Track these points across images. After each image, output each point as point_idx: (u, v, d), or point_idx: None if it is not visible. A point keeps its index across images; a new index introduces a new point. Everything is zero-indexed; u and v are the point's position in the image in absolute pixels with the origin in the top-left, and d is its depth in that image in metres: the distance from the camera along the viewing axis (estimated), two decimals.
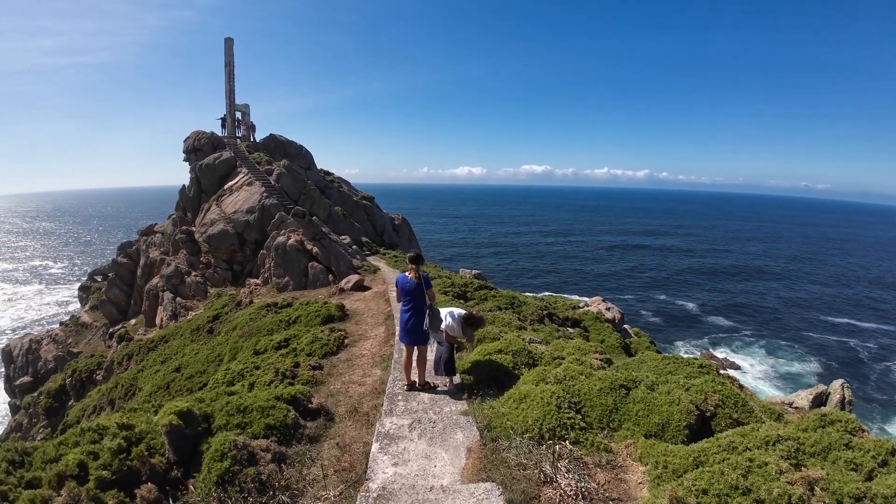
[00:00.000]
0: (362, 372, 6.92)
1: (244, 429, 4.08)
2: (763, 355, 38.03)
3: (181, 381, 12.75)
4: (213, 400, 4.57)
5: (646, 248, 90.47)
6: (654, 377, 4.81)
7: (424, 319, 5.89)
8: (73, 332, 32.78)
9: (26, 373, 29.42)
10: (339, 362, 7.73)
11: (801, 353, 38.62)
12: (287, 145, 33.30)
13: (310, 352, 8.43)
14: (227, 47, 30.70)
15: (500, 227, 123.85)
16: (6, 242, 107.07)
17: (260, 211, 22.47)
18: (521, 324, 12.42)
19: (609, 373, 4.86)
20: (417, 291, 5.88)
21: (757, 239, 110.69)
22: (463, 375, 6.30)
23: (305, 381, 6.45)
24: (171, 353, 15.85)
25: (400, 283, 6.05)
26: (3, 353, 31.35)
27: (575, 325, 18.20)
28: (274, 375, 6.56)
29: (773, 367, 35.85)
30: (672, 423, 4.14)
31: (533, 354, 6.30)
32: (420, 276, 5.96)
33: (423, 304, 5.93)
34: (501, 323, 10.22)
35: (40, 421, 22.76)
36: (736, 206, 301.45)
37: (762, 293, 57.74)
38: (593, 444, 4.12)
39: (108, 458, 3.56)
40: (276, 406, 4.49)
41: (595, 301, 23.89)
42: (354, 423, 5.21)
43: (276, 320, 12.48)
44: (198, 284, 22.08)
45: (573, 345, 7.19)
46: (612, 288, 57.65)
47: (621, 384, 4.73)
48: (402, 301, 6.05)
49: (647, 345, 20.84)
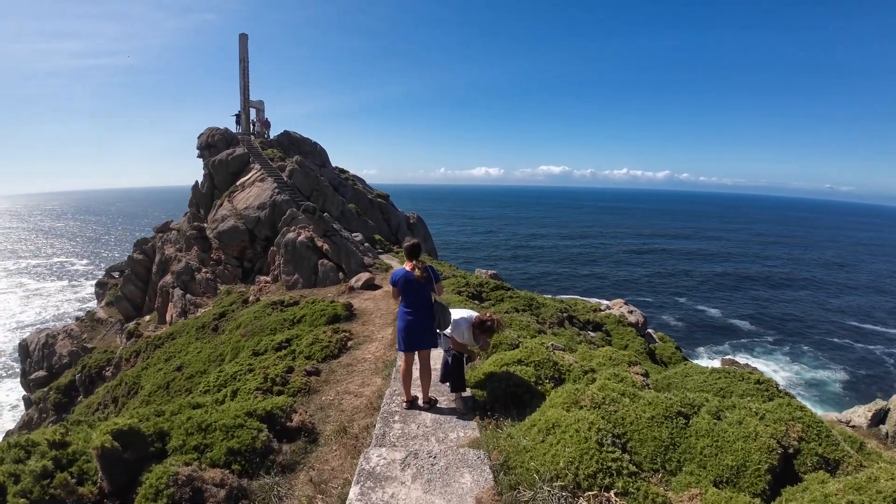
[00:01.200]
0: (361, 380, 6.10)
1: (203, 452, 3.32)
2: (786, 362, 36.72)
3: (181, 380, 12.16)
4: (173, 413, 3.82)
5: (666, 250, 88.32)
6: (715, 400, 3.82)
7: (432, 319, 5.05)
8: (89, 327, 32.86)
9: (41, 367, 29.51)
10: (339, 367, 6.95)
11: (825, 360, 37.14)
12: (301, 142, 32.84)
13: (309, 354, 7.68)
14: (241, 43, 30.38)
15: (517, 228, 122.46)
16: (32, 239, 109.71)
17: (271, 207, 21.94)
18: (540, 327, 11.52)
19: (660, 395, 3.84)
20: (421, 286, 5.00)
21: (780, 242, 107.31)
22: (474, 390, 5.39)
23: (297, 388, 5.69)
24: (175, 350, 15.33)
25: (398, 277, 5.10)
26: (20, 347, 31.55)
27: (596, 328, 17.21)
28: (262, 381, 5.81)
29: (797, 374, 34.62)
30: (750, 466, 3.13)
31: (559, 367, 5.34)
32: (424, 268, 5.06)
33: (428, 300, 5.07)
34: (519, 326, 9.35)
35: (49, 416, 22.60)
36: (759, 208, 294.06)
37: (786, 298, 55.84)
38: (647, 496, 3.11)
39: (30, 482, 2.84)
40: (246, 425, 3.70)
41: (616, 304, 22.80)
42: (340, 449, 4.35)
43: (279, 319, 11.80)
44: (208, 281, 21.64)
45: (603, 354, 6.26)
46: (632, 291, 56.22)
47: (678, 411, 3.67)
48: (402, 299, 5.13)
49: (673, 350, 19.72)
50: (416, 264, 5.08)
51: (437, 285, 5.14)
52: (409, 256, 5.19)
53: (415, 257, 5.17)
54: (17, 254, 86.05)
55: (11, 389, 33.59)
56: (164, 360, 15.41)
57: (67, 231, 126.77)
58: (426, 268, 5.10)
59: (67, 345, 30.09)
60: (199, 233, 23.25)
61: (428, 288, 5.04)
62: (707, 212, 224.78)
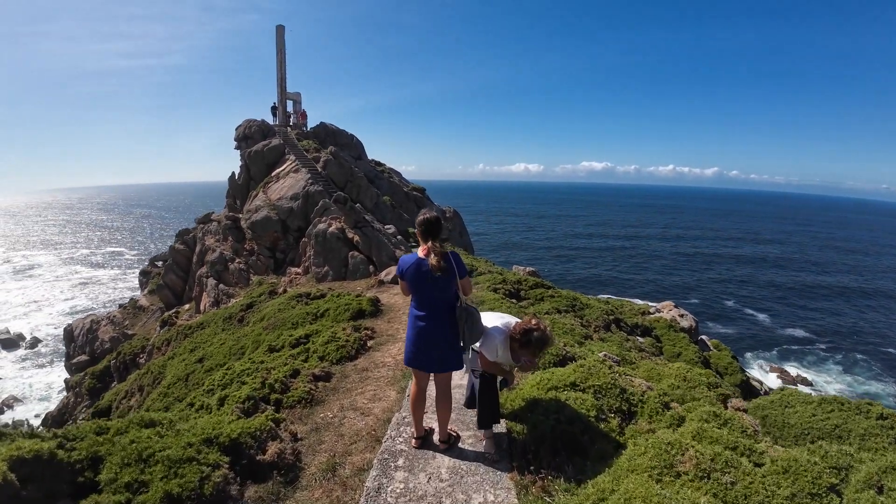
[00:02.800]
0: (373, 391, 5.12)
1: (136, 493, 2.45)
2: (839, 372, 34.21)
3: (200, 373, 11.69)
4: (118, 432, 2.96)
5: (714, 251, 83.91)
6: (868, 459, 2.56)
7: (454, 329, 3.69)
8: (131, 314, 33.75)
9: (84, 352, 30.48)
10: (353, 371, 6.05)
11: (879, 370, 34.40)
12: (338, 134, 32.47)
13: (323, 354, 6.85)
14: (278, 34, 30.25)
15: (557, 226, 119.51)
16: (87, 229, 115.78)
17: (304, 198, 21.50)
18: (586, 331, 10.33)
19: (793, 453, 2.52)
20: (440, 280, 3.59)
21: (838, 246, 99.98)
22: (510, 423, 4.06)
23: (297, 398, 4.83)
24: (201, 341, 15.00)
25: (406, 266, 3.74)
26: (65, 332, 32.75)
27: (645, 333, 15.75)
28: (259, 386, 4.98)
29: (849, 385, 32.08)
30: None
31: (627, 395, 3.98)
32: (443, 255, 3.62)
33: (449, 302, 3.69)
34: (562, 330, 8.23)
35: (84, 401, 23.07)
36: (813, 208, 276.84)
37: (840, 305, 52.06)
38: None
39: None
40: (199, 458, 2.78)
41: (666, 306, 21.10)
42: (323, 498, 3.21)
43: (302, 313, 11.11)
44: (240, 272, 21.44)
45: (674, 372, 5.01)
46: (678, 293, 53.57)
47: (829, 486, 2.37)
48: (413, 298, 3.79)
49: (729, 360, 17.99)
50: (432, 247, 3.63)
51: (464, 280, 3.73)
52: (424, 236, 3.67)
53: (432, 238, 3.65)
54: (72, 244, 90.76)
55: (63, 373, 35.10)
56: (190, 350, 15.10)
57: (117, 223, 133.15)
58: (446, 254, 3.63)
59: (109, 331, 30.93)
60: (234, 223, 23.12)
61: (449, 283, 3.62)
62: (759, 211, 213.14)
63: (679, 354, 15.25)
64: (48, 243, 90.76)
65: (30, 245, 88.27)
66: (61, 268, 67.26)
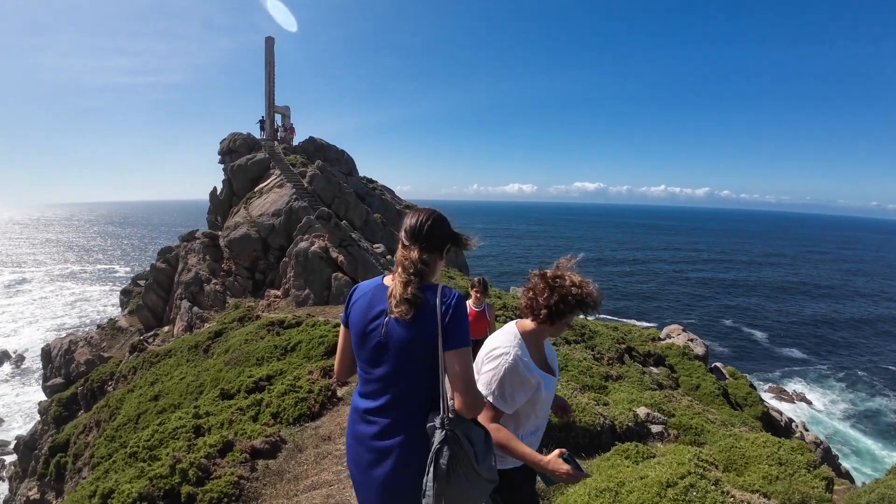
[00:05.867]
0: (331, 488, 3.50)
1: None
2: (841, 390, 33.60)
3: (152, 413, 10.07)
4: None
5: (707, 269, 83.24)
6: None
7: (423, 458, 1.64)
8: (109, 335, 31.86)
9: (60, 374, 28.67)
10: (311, 440, 4.51)
11: (881, 386, 33.90)
12: (327, 149, 31.23)
13: (278, 409, 5.32)
14: (267, 47, 29.22)
15: (551, 245, 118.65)
16: (79, 245, 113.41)
17: (287, 214, 20.05)
18: (600, 366, 8.86)
19: None
20: (397, 338, 1.72)
21: (830, 262, 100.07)
22: None
23: (216, 496, 3.30)
24: (162, 373, 13.36)
25: (357, 299, 1.95)
26: (43, 352, 30.93)
27: (659, 362, 14.33)
28: (169, 472, 3.47)
29: (852, 403, 31.38)
30: None
31: None
32: (415, 278, 1.74)
33: (420, 395, 1.73)
34: (578, 369, 6.75)
35: (50, 429, 21.23)
36: (805, 226, 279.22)
37: (838, 321, 52.07)
38: None
39: None
40: None
41: (674, 330, 19.73)
42: None
43: (270, 346, 9.57)
44: (216, 293, 19.84)
45: (764, 452, 3.52)
46: (675, 312, 52.59)
47: None
48: (359, 368, 1.89)
49: (748, 390, 16.60)
50: (402, 260, 1.82)
51: (457, 355, 1.67)
52: (407, 243, 1.88)
53: (419, 246, 1.85)
54: (64, 260, 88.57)
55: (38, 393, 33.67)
56: (150, 382, 13.45)
57: (110, 240, 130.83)
58: (445, 295, 1.73)
59: (86, 353, 29.10)
60: (212, 241, 21.61)
61: (418, 350, 1.70)
62: (750, 230, 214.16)
63: (698, 386, 13.94)
64: (39, 259, 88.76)
65: (19, 261, 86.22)
66: (51, 284, 65.41)
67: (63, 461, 14.09)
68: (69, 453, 14.19)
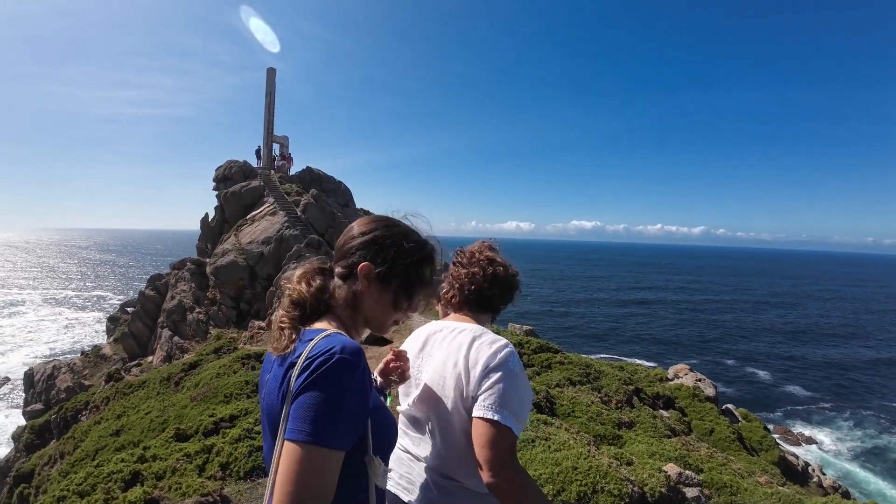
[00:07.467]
0: None
1: None
2: (849, 428, 32.26)
3: (110, 450, 9.08)
4: None
5: (708, 307, 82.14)
6: None
7: None
8: (92, 363, 30.76)
9: (40, 400, 27.52)
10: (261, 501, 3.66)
11: (888, 423, 32.57)
12: (324, 179, 30.91)
13: (228, 459, 4.43)
14: (269, 77, 29.38)
15: (550, 282, 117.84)
16: (76, 271, 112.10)
17: (277, 242, 19.38)
18: (608, 409, 7.97)
19: None
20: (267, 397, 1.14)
21: (831, 299, 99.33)
22: None
23: None
24: (130, 406, 12.33)
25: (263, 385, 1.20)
26: (25, 376, 29.88)
27: (668, 404, 13.34)
28: None
29: (861, 441, 29.98)
30: None
31: None
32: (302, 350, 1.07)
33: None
34: (585, 413, 5.89)
35: (21, 457, 19.94)
36: (802, 263, 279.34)
37: (841, 358, 51.05)
38: None
39: None
40: None
41: (681, 370, 18.73)
42: None
43: (240, 382, 8.68)
44: (199, 323, 18.92)
45: None
46: (674, 351, 51.39)
47: None
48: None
49: (763, 433, 15.50)
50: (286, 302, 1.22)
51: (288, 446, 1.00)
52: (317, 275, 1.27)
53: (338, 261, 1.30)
54: (60, 285, 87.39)
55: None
56: (117, 415, 12.43)
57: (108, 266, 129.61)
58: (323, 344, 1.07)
59: (67, 379, 28.02)
60: (199, 268, 20.86)
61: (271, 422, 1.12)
62: (749, 267, 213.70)
63: (712, 431, 13.01)
64: (34, 283, 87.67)
65: (15, 283, 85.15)
66: (45, 308, 64.30)
67: (26, 492, 12.98)
68: (32, 484, 13.08)
